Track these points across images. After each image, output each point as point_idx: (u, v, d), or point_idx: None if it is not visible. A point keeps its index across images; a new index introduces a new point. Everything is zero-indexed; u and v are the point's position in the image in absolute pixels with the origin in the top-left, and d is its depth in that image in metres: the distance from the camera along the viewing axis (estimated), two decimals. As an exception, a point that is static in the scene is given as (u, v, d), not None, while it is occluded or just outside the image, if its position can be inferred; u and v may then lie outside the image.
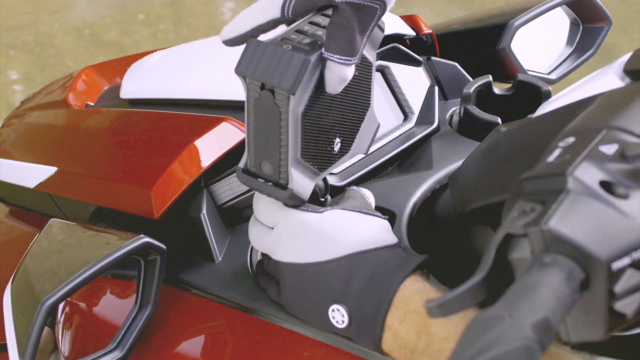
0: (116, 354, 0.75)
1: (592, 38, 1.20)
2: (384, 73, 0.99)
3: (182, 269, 0.83)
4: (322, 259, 0.66)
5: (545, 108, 0.66)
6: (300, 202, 0.69)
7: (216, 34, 1.20)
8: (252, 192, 0.85)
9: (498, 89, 1.03)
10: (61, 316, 0.88)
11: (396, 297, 0.62)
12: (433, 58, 1.07)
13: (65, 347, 0.85)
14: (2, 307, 0.80)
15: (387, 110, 0.98)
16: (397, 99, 0.99)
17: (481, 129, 0.92)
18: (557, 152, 0.50)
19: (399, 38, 1.03)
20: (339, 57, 0.60)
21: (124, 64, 1.15)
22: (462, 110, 0.99)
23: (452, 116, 1.05)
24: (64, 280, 0.70)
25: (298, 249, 0.68)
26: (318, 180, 0.70)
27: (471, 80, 1.05)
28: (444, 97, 1.07)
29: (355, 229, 0.68)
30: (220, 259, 0.82)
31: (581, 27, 1.21)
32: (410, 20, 1.07)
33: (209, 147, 0.82)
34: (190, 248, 0.84)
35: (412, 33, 1.05)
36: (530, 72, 1.12)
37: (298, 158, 0.65)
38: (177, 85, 0.98)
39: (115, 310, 0.85)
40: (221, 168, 0.85)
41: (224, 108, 0.89)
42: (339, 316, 0.65)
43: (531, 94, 1.01)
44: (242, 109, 0.87)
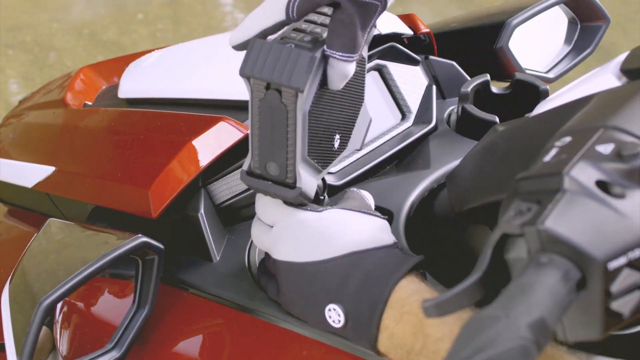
0: (114, 354, 0.75)
1: (590, 37, 1.20)
2: (382, 72, 0.99)
3: (180, 268, 0.83)
4: (320, 259, 0.66)
5: (542, 107, 0.66)
6: (307, 200, 0.69)
7: (215, 33, 1.20)
8: (250, 192, 0.86)
9: (496, 88, 1.03)
10: (59, 316, 0.87)
11: (392, 297, 0.62)
12: (431, 57, 1.07)
13: (63, 347, 0.85)
14: (0, 306, 0.80)
15: (384, 109, 0.98)
16: (394, 98, 0.98)
17: (479, 128, 0.92)
18: (553, 152, 0.50)
19: (397, 37, 1.03)
20: (341, 54, 0.60)
21: (122, 63, 1.15)
22: (460, 110, 0.98)
23: (450, 115, 1.05)
24: (62, 280, 0.70)
25: (296, 247, 0.68)
26: (320, 177, 0.70)
27: (469, 79, 1.05)
28: (442, 96, 1.07)
29: (352, 228, 0.67)
30: (218, 259, 0.82)
31: (579, 26, 1.21)
32: (408, 19, 1.07)
33: (207, 147, 0.82)
34: (188, 247, 0.84)
35: (409, 32, 1.05)
36: (528, 71, 1.12)
37: (305, 156, 0.65)
38: (175, 85, 0.98)
39: (113, 310, 0.84)
40: (219, 167, 0.85)
41: (221, 107, 0.89)
42: (335, 316, 0.65)
43: (529, 93, 1.01)
44: (240, 109, 0.88)
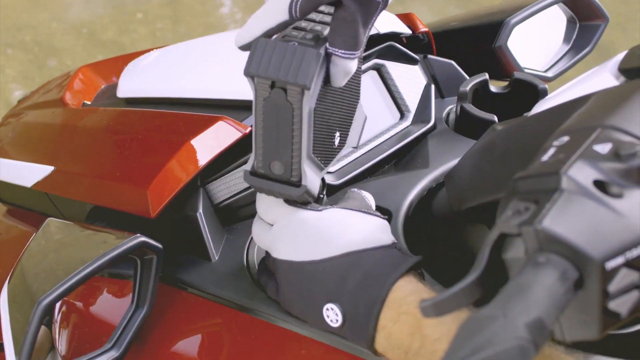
0: (112, 354, 0.75)
1: (589, 36, 1.19)
2: (381, 71, 0.98)
3: (179, 268, 0.83)
4: (318, 258, 0.66)
5: (541, 106, 0.66)
6: (312, 198, 0.69)
7: (214, 32, 1.20)
8: (249, 192, 0.86)
9: (494, 87, 1.03)
10: (58, 315, 0.87)
11: (389, 297, 0.62)
12: (429, 56, 1.07)
13: (62, 347, 0.85)
14: (-1, 306, 0.80)
15: (383, 108, 0.98)
16: (393, 97, 0.98)
17: (478, 127, 0.92)
18: (551, 151, 0.50)
19: (396, 36, 1.03)
20: (344, 51, 0.61)
21: (121, 62, 1.15)
22: (459, 109, 0.98)
23: (448, 114, 1.05)
24: (60, 280, 0.70)
25: (295, 246, 0.68)
26: (322, 175, 0.70)
27: (468, 78, 1.05)
28: (441, 95, 1.07)
29: (352, 228, 0.67)
30: (216, 258, 0.82)
31: (578, 25, 1.21)
32: (406, 18, 1.07)
33: (205, 146, 0.82)
34: (187, 247, 0.84)
35: (408, 31, 1.05)
36: (527, 70, 1.12)
37: (310, 154, 0.65)
38: (174, 84, 0.98)
39: (111, 309, 0.84)
40: (217, 167, 0.85)
41: (220, 107, 0.89)
42: (333, 315, 0.65)
43: (528, 92, 1.00)
44: (238, 108, 0.87)
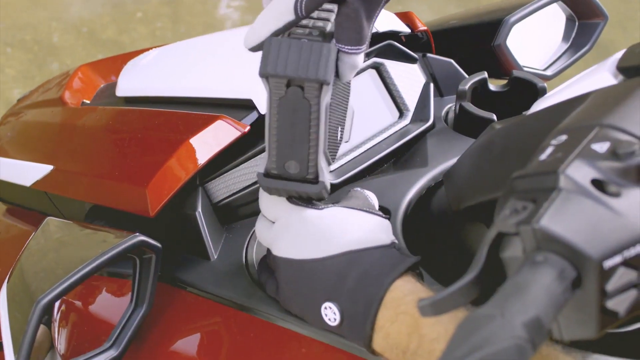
0: (111, 353, 0.75)
1: (588, 34, 1.19)
2: (379, 70, 0.98)
3: (178, 267, 0.83)
4: (318, 256, 0.66)
5: (539, 105, 0.66)
6: (327, 194, 0.68)
7: (214, 31, 1.20)
8: (247, 190, 0.86)
9: (493, 86, 1.03)
10: (57, 314, 0.87)
11: (387, 297, 0.62)
12: (428, 55, 1.07)
13: (61, 346, 0.85)
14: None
15: (382, 107, 0.97)
16: (392, 96, 0.98)
17: (476, 125, 0.92)
18: (549, 150, 0.50)
19: (394, 35, 1.03)
20: (350, 47, 0.62)
21: (120, 61, 1.15)
22: (458, 107, 0.98)
23: (447, 113, 1.05)
24: (59, 279, 0.70)
25: (295, 244, 0.68)
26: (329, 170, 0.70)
27: (467, 76, 1.05)
28: (440, 93, 1.07)
29: (352, 227, 0.67)
30: (215, 257, 0.83)
31: (577, 23, 1.21)
32: (405, 17, 1.07)
33: (204, 145, 0.82)
34: (186, 246, 0.84)
35: (407, 30, 1.05)
36: (526, 69, 1.12)
37: (325, 150, 0.65)
38: (173, 83, 0.98)
39: (110, 308, 0.84)
40: (216, 166, 0.85)
41: (219, 106, 0.89)
42: (331, 314, 0.65)
43: (527, 90, 1.00)
44: (237, 107, 0.87)
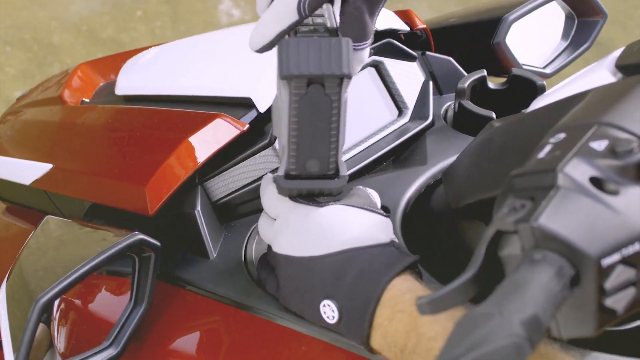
0: (111, 351, 0.75)
1: (587, 32, 1.19)
2: (378, 68, 0.98)
3: (177, 265, 0.83)
4: (317, 254, 0.66)
5: (538, 103, 0.66)
6: (344, 188, 0.69)
7: (214, 30, 1.20)
8: (247, 189, 0.86)
9: (493, 84, 1.03)
10: (56, 313, 0.88)
11: (384, 296, 0.62)
12: (428, 53, 1.07)
13: (61, 344, 0.85)
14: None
15: (381, 105, 0.97)
16: (391, 94, 0.98)
17: (476, 123, 0.92)
18: (547, 148, 0.50)
19: (393, 33, 1.03)
20: (356, 44, 0.63)
21: (120, 60, 1.15)
22: (457, 105, 0.98)
23: (446, 111, 1.04)
24: (59, 277, 0.70)
25: (295, 241, 0.68)
26: None
27: (466, 74, 1.05)
28: (439, 92, 1.07)
29: (351, 225, 0.67)
30: (214, 256, 0.83)
31: (576, 21, 1.21)
32: (404, 15, 1.07)
33: (204, 144, 0.82)
34: (185, 244, 0.84)
35: (406, 28, 1.05)
36: (525, 67, 1.12)
37: (344, 143, 0.66)
38: (172, 82, 0.98)
39: (110, 307, 0.85)
40: (215, 164, 0.85)
41: (218, 104, 0.89)
42: (329, 312, 0.65)
43: (526, 88, 1.00)
44: (236, 105, 0.87)
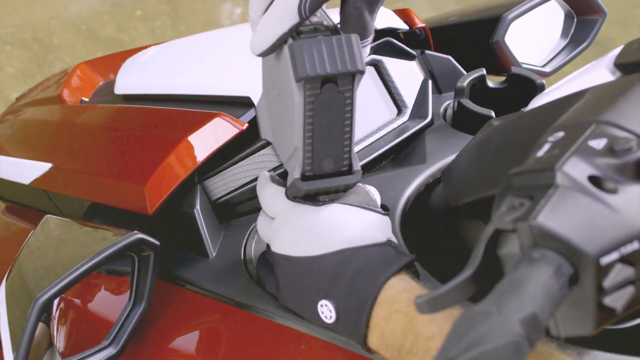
0: (110, 350, 0.75)
1: (586, 30, 1.19)
2: (378, 67, 0.98)
3: (176, 264, 0.83)
4: (314, 254, 0.66)
5: (537, 101, 0.66)
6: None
7: (213, 29, 1.20)
8: (246, 188, 0.86)
9: (492, 82, 1.03)
10: (56, 312, 0.87)
11: (381, 296, 0.61)
12: (427, 52, 1.07)
13: (60, 343, 0.85)
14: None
15: (380, 104, 0.97)
16: (390, 93, 0.98)
17: (475, 122, 0.92)
18: (546, 147, 0.50)
19: (393, 32, 1.03)
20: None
21: (119, 59, 1.15)
22: (456, 104, 0.98)
23: (446, 110, 1.05)
24: (58, 276, 0.70)
25: (292, 241, 0.68)
26: None
27: (465, 73, 1.05)
28: (438, 90, 1.07)
29: (348, 224, 0.67)
30: (214, 255, 0.82)
31: (575, 20, 1.21)
32: (403, 14, 1.07)
33: (203, 143, 0.82)
34: (184, 244, 0.84)
35: (405, 27, 1.05)
36: (525, 65, 1.12)
37: (354, 138, 0.66)
38: (171, 81, 0.98)
39: (109, 306, 0.84)
40: (215, 163, 0.85)
41: (217, 103, 0.89)
42: (327, 312, 0.65)
43: (525, 87, 1.00)
44: (235, 105, 0.87)
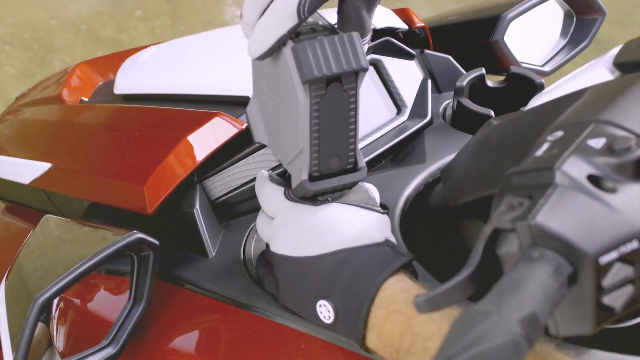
0: (110, 350, 0.75)
1: (586, 30, 1.19)
2: (377, 67, 0.98)
3: (176, 264, 0.83)
4: (313, 254, 0.66)
5: (537, 101, 0.66)
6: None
7: (213, 29, 1.21)
8: (245, 187, 0.86)
9: (491, 82, 1.03)
10: (56, 312, 0.87)
11: (379, 296, 0.61)
12: (426, 51, 1.07)
13: (60, 343, 0.85)
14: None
15: (380, 103, 0.97)
16: (390, 92, 0.98)
17: (474, 121, 0.92)
18: (545, 146, 0.50)
19: (392, 32, 1.03)
20: None
21: (118, 59, 1.15)
22: (455, 103, 0.98)
23: (445, 109, 1.05)
24: (58, 276, 0.70)
25: (291, 241, 0.68)
26: None
27: (464, 73, 1.05)
28: (438, 90, 1.07)
29: (347, 224, 0.67)
30: (213, 254, 0.82)
31: (575, 19, 1.21)
32: (403, 13, 1.07)
33: (202, 142, 0.82)
34: (184, 243, 0.84)
35: (404, 26, 1.05)
36: (524, 65, 1.12)
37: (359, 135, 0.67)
38: (171, 81, 0.98)
39: (109, 306, 0.84)
40: (214, 163, 0.85)
41: (216, 103, 0.89)
42: (325, 312, 0.65)
43: (525, 86, 1.00)
44: (235, 104, 0.87)
